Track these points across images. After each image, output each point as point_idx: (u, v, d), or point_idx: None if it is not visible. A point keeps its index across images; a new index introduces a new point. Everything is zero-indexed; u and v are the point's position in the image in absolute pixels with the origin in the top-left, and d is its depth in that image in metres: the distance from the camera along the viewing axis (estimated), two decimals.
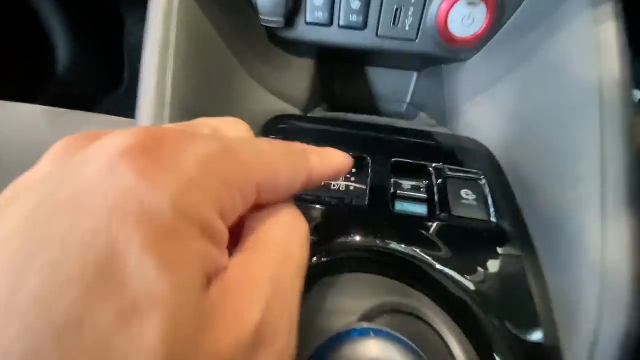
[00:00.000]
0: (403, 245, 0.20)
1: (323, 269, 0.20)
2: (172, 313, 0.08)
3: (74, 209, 0.08)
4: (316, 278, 0.19)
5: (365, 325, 0.14)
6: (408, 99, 0.44)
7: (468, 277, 0.19)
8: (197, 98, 0.23)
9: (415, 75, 0.43)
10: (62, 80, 0.73)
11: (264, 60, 0.31)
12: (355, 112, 0.37)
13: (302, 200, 0.22)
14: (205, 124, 0.13)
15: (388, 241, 0.20)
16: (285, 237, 0.12)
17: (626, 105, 0.20)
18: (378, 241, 0.20)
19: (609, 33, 0.21)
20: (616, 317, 0.17)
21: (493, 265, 0.20)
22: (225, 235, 0.10)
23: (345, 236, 0.21)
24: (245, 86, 0.28)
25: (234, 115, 0.27)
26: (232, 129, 0.14)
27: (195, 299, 0.09)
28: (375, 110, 0.45)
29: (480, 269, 0.20)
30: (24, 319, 0.07)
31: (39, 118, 0.35)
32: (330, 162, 0.15)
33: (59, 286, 0.07)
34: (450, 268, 0.20)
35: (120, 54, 0.80)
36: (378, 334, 0.14)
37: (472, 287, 0.19)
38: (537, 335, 0.18)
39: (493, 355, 0.18)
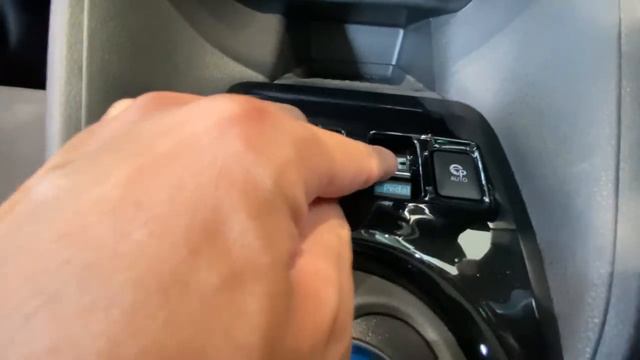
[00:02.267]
0: (383, 235, 0.17)
1: None
2: (271, 286, 0.08)
3: (180, 164, 0.08)
4: None
5: None
6: (394, 60, 0.40)
7: (456, 268, 0.17)
8: (127, 65, 0.19)
9: (401, 32, 0.38)
10: (14, 52, 0.66)
11: (218, 17, 0.26)
12: (334, 77, 0.32)
13: None
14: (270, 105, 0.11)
15: (366, 230, 0.17)
16: (337, 241, 0.12)
17: None
18: (354, 232, 0.17)
19: None
20: (626, 311, 0.14)
21: (486, 254, 0.17)
22: (305, 219, 0.10)
23: None
24: (197, 49, 0.24)
25: (183, 86, 0.22)
26: (294, 115, 0.15)
27: (286, 278, 0.09)
28: (358, 75, 0.40)
29: (471, 259, 0.17)
30: (131, 270, 0.06)
31: None
32: (386, 165, 0.15)
33: (167, 243, 0.07)
34: (436, 258, 0.17)
35: None
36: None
37: (461, 279, 0.16)
38: (532, 329, 0.16)
39: (480, 352, 0.15)
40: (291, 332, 0.08)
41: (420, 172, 0.20)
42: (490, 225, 0.18)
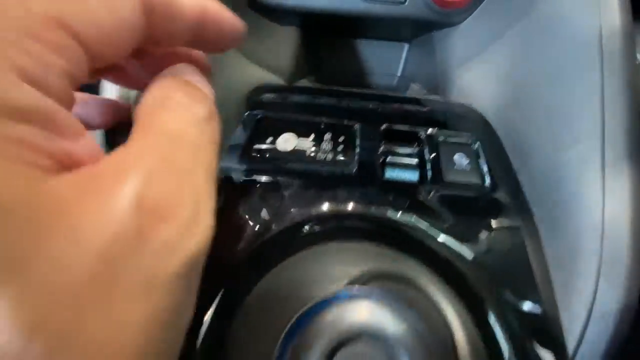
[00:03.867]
0: (393, 212, 0.19)
1: (310, 239, 0.19)
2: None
3: None
4: (302, 248, 0.18)
5: (354, 288, 0.13)
6: (399, 72, 0.42)
7: (461, 242, 0.18)
8: None
9: (406, 46, 0.41)
10: None
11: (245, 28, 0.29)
12: (343, 86, 0.35)
13: (286, 171, 0.21)
14: None
15: (377, 208, 0.19)
16: (175, 121, 0.10)
17: (627, 58, 0.19)
18: (367, 208, 0.19)
19: None
20: (616, 277, 0.16)
21: (487, 230, 0.19)
22: (48, 108, 0.08)
23: (333, 204, 0.19)
24: (224, 54, 0.26)
25: (214, 86, 0.25)
26: None
27: (23, 200, 0.07)
28: (365, 85, 0.43)
29: (473, 234, 0.19)
30: None
31: None
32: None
33: None
34: (443, 233, 0.18)
35: None
36: (368, 294, 0.13)
37: (465, 252, 0.18)
38: (534, 299, 0.17)
39: (487, 321, 0.17)
40: (52, 253, 0.07)
41: (427, 161, 0.22)
42: (491, 206, 0.20)
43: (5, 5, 0.08)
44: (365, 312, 0.12)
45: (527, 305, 0.17)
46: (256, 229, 0.18)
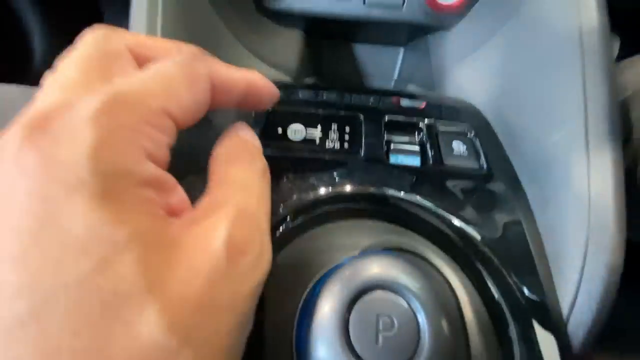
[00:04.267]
0: (400, 192, 0.21)
1: (324, 218, 0.20)
2: (137, 252, 0.09)
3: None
4: (311, 227, 0.19)
5: (367, 252, 0.15)
6: (395, 75, 0.45)
7: (463, 220, 0.20)
8: None
9: (401, 50, 0.43)
10: (38, 74, 0.71)
11: (252, 28, 0.30)
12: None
13: (298, 158, 0.23)
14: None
15: (385, 188, 0.21)
16: (243, 173, 0.14)
17: (605, 51, 0.21)
18: (375, 189, 0.21)
19: None
20: (603, 242, 0.18)
21: (487, 209, 0.21)
22: (160, 176, 0.11)
23: (341, 186, 0.21)
24: (235, 51, 0.28)
25: None
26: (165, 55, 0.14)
27: (154, 238, 0.10)
28: (363, 88, 0.45)
29: (474, 213, 0.20)
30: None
31: (17, 97, 0.34)
32: (236, 71, 0.15)
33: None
34: (444, 211, 0.20)
35: None
36: (382, 255, 0.14)
37: (467, 228, 0.20)
38: (529, 267, 0.19)
39: (491, 292, 0.18)
40: (179, 271, 0.10)
41: (428, 148, 0.23)
42: (488, 186, 0.22)
43: (132, 104, 0.11)
44: (380, 268, 0.13)
45: (525, 282, 0.19)
46: (275, 208, 0.20)
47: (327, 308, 0.13)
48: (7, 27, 0.69)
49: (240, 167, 0.14)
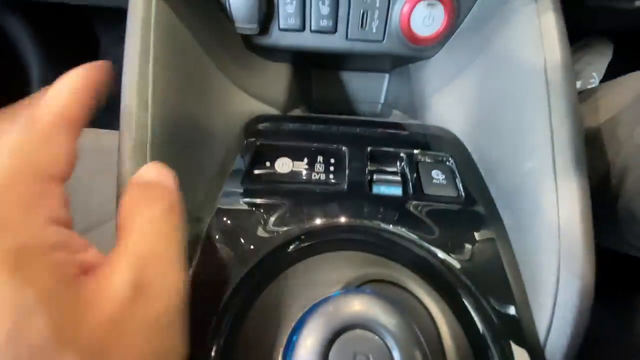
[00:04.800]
0: (381, 223, 0.22)
1: (307, 251, 0.21)
2: (48, 311, 0.11)
3: None
4: (301, 259, 0.20)
5: (349, 290, 0.16)
6: (381, 99, 0.46)
7: (442, 248, 0.21)
8: (179, 101, 0.24)
9: (387, 76, 0.45)
10: None
11: (241, 65, 0.32)
12: (332, 114, 0.39)
13: (285, 191, 0.24)
14: None
15: (367, 220, 0.22)
16: (144, 218, 0.15)
17: (569, 84, 0.23)
18: (358, 220, 0.22)
19: (549, 22, 0.24)
20: (573, 268, 0.19)
21: (465, 236, 0.22)
22: (67, 238, 0.13)
23: (326, 218, 0.22)
24: (225, 89, 0.30)
25: (216, 116, 0.28)
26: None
27: (62, 295, 0.11)
28: (352, 112, 0.47)
29: (454, 241, 0.21)
30: None
31: None
32: (55, 91, 0.15)
33: None
34: (425, 240, 0.21)
35: None
36: (361, 293, 0.15)
37: (446, 257, 0.21)
38: (509, 302, 0.20)
39: (471, 319, 0.19)
40: (91, 317, 0.11)
41: (408, 178, 0.25)
42: (465, 214, 0.23)
43: (15, 184, 0.13)
44: (358, 307, 0.14)
45: (503, 307, 0.19)
46: (259, 243, 0.21)
47: (307, 347, 0.13)
48: (5, 57, 0.71)
49: (142, 211, 0.15)
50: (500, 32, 0.27)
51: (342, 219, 0.22)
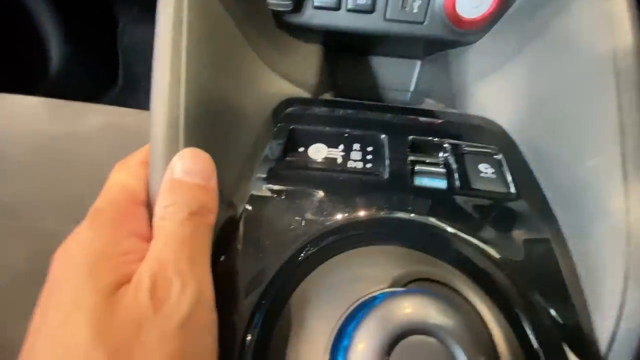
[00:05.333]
0: (426, 217, 0.20)
1: (345, 244, 0.19)
2: (86, 314, 0.13)
3: None
4: (336, 253, 0.19)
5: (400, 289, 0.14)
6: (412, 87, 0.44)
7: (493, 247, 0.19)
8: (211, 76, 0.23)
9: (418, 63, 0.43)
10: (55, 81, 0.72)
11: (272, 44, 0.30)
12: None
13: (320, 179, 0.22)
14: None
15: (411, 213, 0.20)
16: (165, 221, 0.16)
17: None
18: (400, 213, 0.20)
19: (621, 5, 0.21)
20: None
21: (518, 236, 0.20)
22: (141, 247, 0.15)
23: (366, 209, 0.20)
24: (256, 68, 0.28)
25: (246, 96, 0.26)
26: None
27: (98, 309, 0.13)
28: (379, 99, 0.45)
29: (505, 240, 0.20)
30: None
31: (39, 109, 0.34)
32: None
33: None
34: (475, 238, 0.19)
35: (114, 54, 0.79)
36: (417, 293, 0.13)
37: (498, 256, 0.19)
38: (565, 305, 0.18)
39: (521, 325, 0.18)
40: (115, 322, 0.13)
41: (454, 170, 0.23)
42: (517, 212, 0.21)
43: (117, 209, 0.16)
44: (419, 311, 0.13)
45: (558, 312, 0.18)
46: (296, 234, 0.19)
47: (365, 349, 0.12)
48: (25, 34, 0.70)
49: (171, 214, 0.16)
50: (559, 15, 0.25)
51: (384, 211, 0.20)
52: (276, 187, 0.22)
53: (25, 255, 0.28)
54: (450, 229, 0.20)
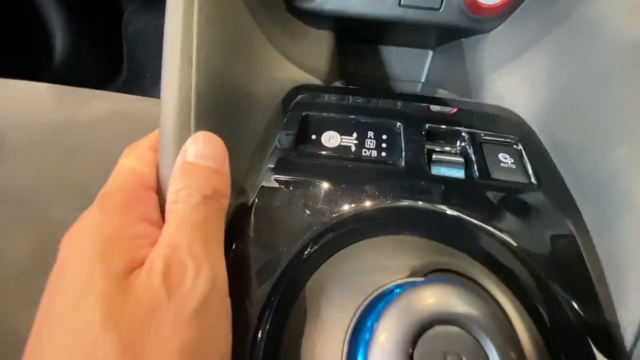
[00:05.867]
0: (444, 206, 0.19)
1: (361, 233, 0.19)
2: (99, 298, 0.12)
3: None
4: (352, 242, 0.18)
5: (419, 279, 0.14)
6: (423, 77, 0.43)
7: (514, 238, 0.19)
8: (222, 59, 0.22)
9: (430, 53, 0.42)
10: (59, 70, 0.71)
11: (282, 29, 0.29)
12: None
13: (331, 166, 0.21)
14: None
15: (428, 203, 0.19)
16: (177, 205, 0.15)
17: None
18: (418, 202, 0.19)
19: None
20: None
21: (539, 228, 0.19)
22: (152, 232, 0.15)
23: (382, 198, 0.20)
24: (267, 52, 0.27)
25: (257, 81, 0.25)
26: None
27: (115, 288, 0.13)
28: (389, 90, 0.44)
29: (526, 231, 0.19)
30: None
31: (44, 95, 0.34)
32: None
33: None
34: (495, 228, 0.19)
35: (118, 42, 0.78)
36: (441, 283, 0.13)
37: (519, 248, 0.18)
38: (589, 296, 0.17)
39: (544, 318, 0.17)
40: (127, 307, 0.12)
41: (473, 159, 0.22)
42: (539, 203, 0.20)
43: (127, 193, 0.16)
44: (443, 301, 0.12)
45: (585, 309, 0.17)
46: (311, 222, 0.19)
47: (388, 342, 0.11)
48: (30, 23, 0.70)
49: (184, 198, 0.15)
50: (581, 2, 0.24)
51: (401, 201, 0.20)
52: (289, 176, 0.21)
53: (30, 242, 0.27)
54: (470, 219, 0.19)
